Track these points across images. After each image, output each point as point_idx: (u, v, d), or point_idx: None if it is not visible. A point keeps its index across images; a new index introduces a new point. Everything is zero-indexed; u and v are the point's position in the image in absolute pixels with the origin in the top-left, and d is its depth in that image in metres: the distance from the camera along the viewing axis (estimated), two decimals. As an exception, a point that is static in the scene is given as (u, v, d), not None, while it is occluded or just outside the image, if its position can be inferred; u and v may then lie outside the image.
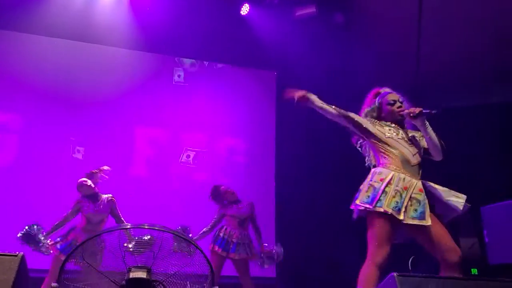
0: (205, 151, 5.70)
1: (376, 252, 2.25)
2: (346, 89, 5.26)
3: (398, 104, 2.58)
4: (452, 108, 5.40)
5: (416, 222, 2.26)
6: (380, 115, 2.61)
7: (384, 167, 2.41)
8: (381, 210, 2.25)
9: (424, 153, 2.54)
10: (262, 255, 4.14)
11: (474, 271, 4.79)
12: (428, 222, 2.26)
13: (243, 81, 6.01)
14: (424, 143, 2.55)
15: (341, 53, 5.59)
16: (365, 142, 2.62)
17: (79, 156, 5.25)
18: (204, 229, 4.17)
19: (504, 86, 5.41)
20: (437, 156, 2.52)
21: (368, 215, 2.36)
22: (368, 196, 2.33)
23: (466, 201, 2.40)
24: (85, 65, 5.48)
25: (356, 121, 2.49)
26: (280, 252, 4.17)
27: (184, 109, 5.74)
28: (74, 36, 5.45)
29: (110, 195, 3.93)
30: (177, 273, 1.70)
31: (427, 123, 2.45)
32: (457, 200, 2.33)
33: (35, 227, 3.66)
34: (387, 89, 2.67)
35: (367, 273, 2.22)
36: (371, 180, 2.38)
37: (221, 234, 4.06)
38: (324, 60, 5.50)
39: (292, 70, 5.68)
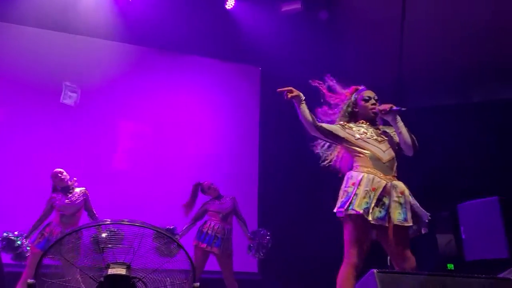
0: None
1: (350, 253, 2.30)
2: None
3: (372, 101, 2.62)
4: (432, 106, 5.50)
5: (379, 222, 2.32)
6: (354, 110, 2.67)
7: (355, 170, 2.48)
8: (353, 212, 2.31)
9: (398, 148, 2.58)
10: (252, 244, 4.16)
11: (451, 266, 4.91)
12: (386, 223, 2.32)
13: (227, 75, 5.97)
14: (397, 138, 2.59)
15: (326, 50, 5.61)
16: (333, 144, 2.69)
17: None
18: (186, 225, 4.14)
19: (483, 86, 5.54)
20: (408, 152, 2.55)
21: (343, 219, 2.42)
22: (342, 201, 2.40)
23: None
24: (68, 56, 5.36)
25: (327, 130, 2.55)
26: (266, 234, 4.21)
27: (167, 102, 5.67)
28: (57, 27, 5.32)
29: (84, 188, 3.89)
30: (157, 269, 1.67)
31: (399, 118, 2.50)
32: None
33: (9, 233, 3.62)
34: (364, 87, 2.72)
35: (343, 274, 2.27)
36: (345, 186, 2.45)
37: (205, 230, 4.05)
38: (308, 57, 5.51)
39: (276, 66, 5.68)
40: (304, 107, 2.51)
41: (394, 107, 2.47)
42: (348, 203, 2.34)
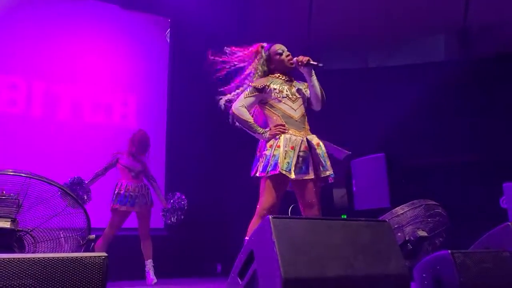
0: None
1: (261, 206, 2.40)
2: (239, 39, 5.25)
3: (286, 53, 2.60)
4: (335, 69, 5.84)
5: (301, 177, 2.42)
6: (270, 67, 2.62)
7: None
8: (276, 172, 2.36)
9: (308, 104, 2.65)
10: (167, 209, 4.13)
11: (344, 216, 5.45)
12: (311, 176, 2.43)
13: (135, 25, 5.58)
14: (308, 93, 2.64)
15: (237, 2, 5.52)
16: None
17: None
18: (97, 171, 3.96)
19: (378, 53, 6.00)
20: (317, 106, 2.63)
21: (262, 179, 2.49)
22: (263, 166, 2.43)
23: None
24: None
25: (256, 99, 2.56)
26: (181, 197, 4.20)
27: (67, 50, 5.13)
28: None
29: None
30: (47, 223, 1.59)
31: (313, 72, 2.55)
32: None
33: None
34: (269, 44, 2.67)
35: (251, 224, 2.39)
36: (263, 149, 2.47)
37: (117, 191, 3.95)
38: (219, 9, 5.37)
39: (186, 18, 5.47)
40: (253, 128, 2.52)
41: (312, 61, 2.49)
42: (267, 165, 2.39)
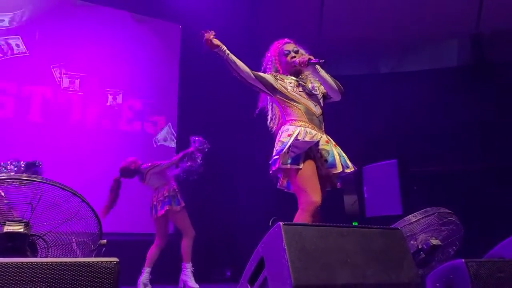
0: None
1: (309, 195, 2.27)
2: (251, 45, 5.27)
3: (291, 54, 2.56)
4: (344, 75, 5.81)
5: (331, 170, 2.36)
6: (278, 67, 2.60)
7: (291, 124, 2.44)
8: (288, 167, 2.32)
9: (325, 98, 2.60)
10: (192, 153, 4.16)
11: (355, 223, 5.40)
12: (339, 169, 2.36)
13: (146, 32, 5.65)
14: (322, 89, 2.58)
15: (247, 8, 5.53)
16: (270, 101, 2.62)
17: None
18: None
19: (390, 59, 5.97)
20: (336, 97, 2.56)
21: (283, 170, 2.41)
22: (277, 151, 2.36)
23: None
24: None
25: (265, 79, 2.49)
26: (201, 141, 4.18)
27: (78, 56, 5.22)
28: None
29: None
30: (59, 227, 1.60)
31: (319, 67, 2.46)
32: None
33: None
34: (287, 40, 2.64)
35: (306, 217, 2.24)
36: (280, 137, 2.41)
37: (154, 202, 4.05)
38: (230, 16, 5.41)
39: (197, 24, 5.50)
40: (233, 57, 2.40)
41: (312, 59, 2.42)
42: (282, 152, 2.32)
